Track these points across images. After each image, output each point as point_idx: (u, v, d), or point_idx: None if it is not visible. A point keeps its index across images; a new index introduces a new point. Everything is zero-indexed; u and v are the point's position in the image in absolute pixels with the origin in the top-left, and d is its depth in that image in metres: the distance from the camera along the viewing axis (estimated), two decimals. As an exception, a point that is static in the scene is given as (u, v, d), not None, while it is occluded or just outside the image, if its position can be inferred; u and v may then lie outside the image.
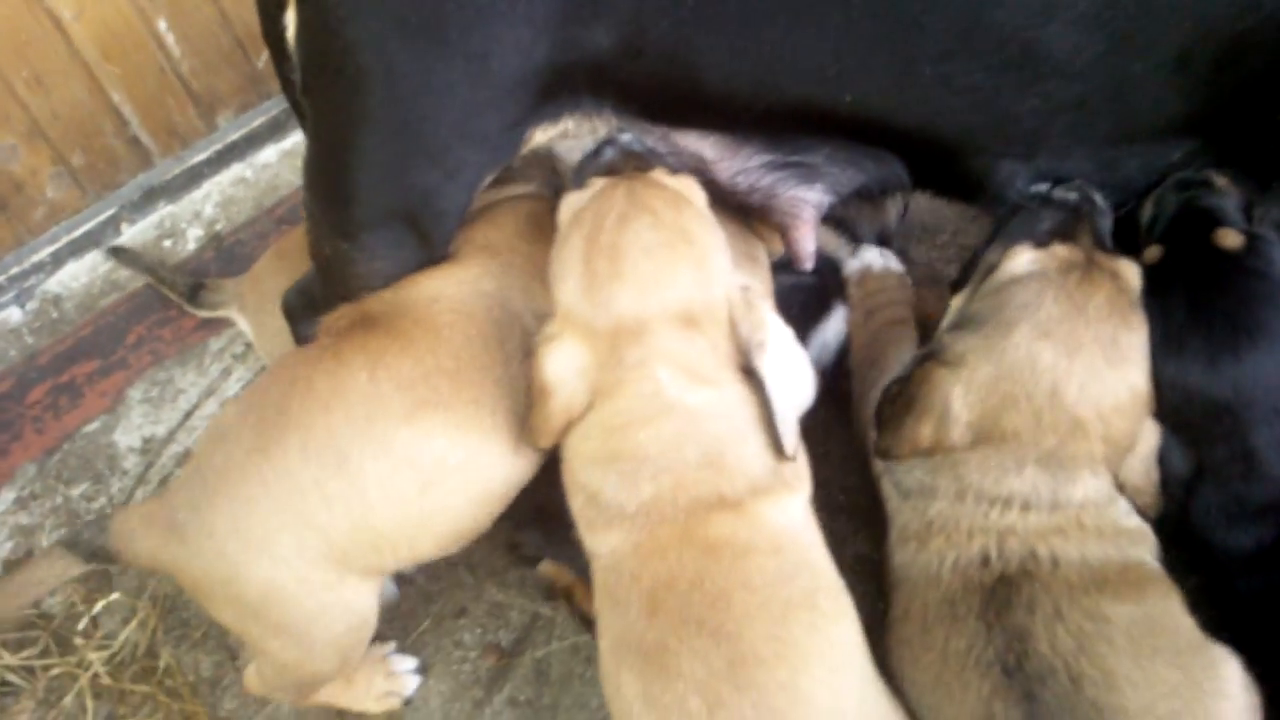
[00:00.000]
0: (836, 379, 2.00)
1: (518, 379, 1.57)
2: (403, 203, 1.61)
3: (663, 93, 1.62)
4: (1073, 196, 1.68)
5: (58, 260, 2.53)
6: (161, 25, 2.39)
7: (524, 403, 1.56)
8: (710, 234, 1.51)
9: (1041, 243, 1.63)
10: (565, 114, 1.64)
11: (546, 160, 1.90)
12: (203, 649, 2.04)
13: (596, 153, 1.62)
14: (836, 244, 2.10)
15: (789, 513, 1.45)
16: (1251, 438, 1.56)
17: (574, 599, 1.93)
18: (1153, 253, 1.69)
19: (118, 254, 2.52)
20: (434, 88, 1.50)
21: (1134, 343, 1.56)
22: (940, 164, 1.74)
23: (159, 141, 2.55)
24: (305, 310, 1.87)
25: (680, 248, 1.45)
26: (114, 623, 2.07)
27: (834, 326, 2.04)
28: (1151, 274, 1.65)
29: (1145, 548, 1.56)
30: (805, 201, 1.80)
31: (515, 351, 1.60)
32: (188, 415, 2.35)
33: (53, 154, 2.42)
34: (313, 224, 1.71)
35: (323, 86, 1.57)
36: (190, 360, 2.43)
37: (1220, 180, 1.72)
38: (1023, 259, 1.63)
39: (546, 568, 1.96)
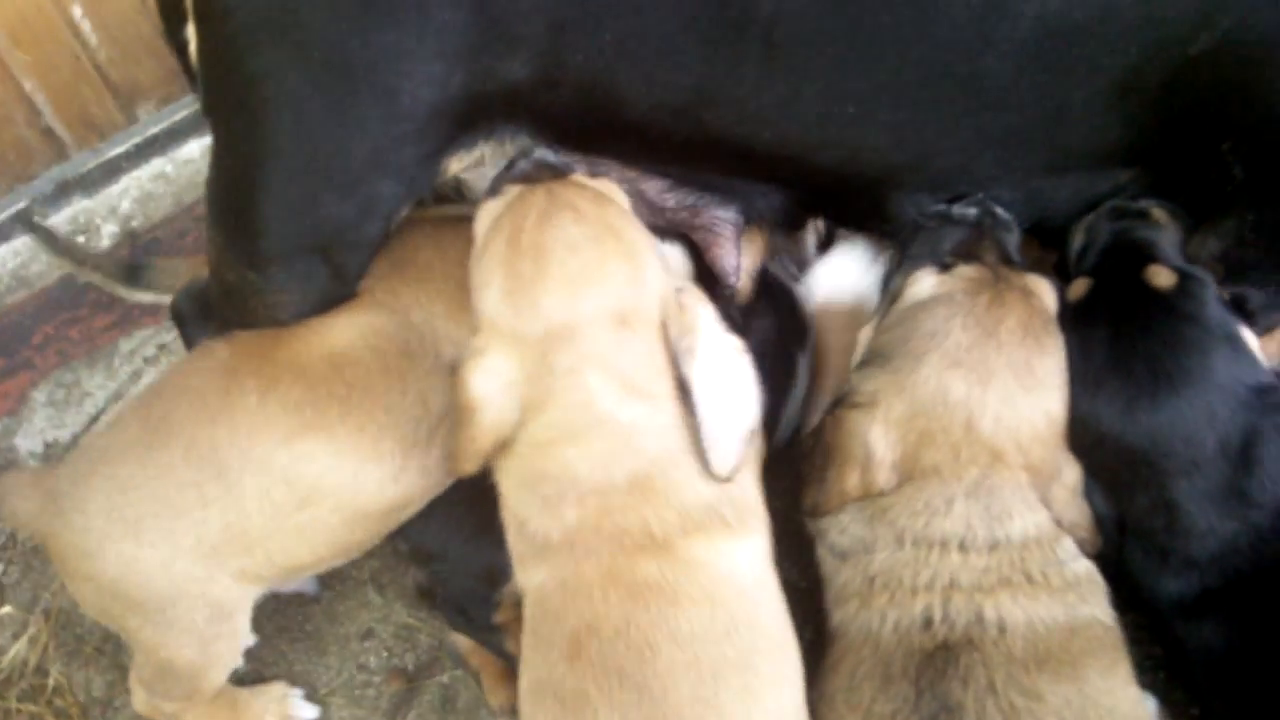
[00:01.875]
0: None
1: (414, 407, 1.60)
2: (314, 236, 1.56)
3: (580, 121, 1.57)
4: (972, 212, 1.62)
5: (-37, 254, 2.43)
6: (76, 12, 2.28)
7: (427, 426, 1.61)
8: (637, 230, 1.44)
9: (945, 264, 1.58)
10: (480, 142, 1.59)
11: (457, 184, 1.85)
12: (95, 667, 1.98)
13: (510, 165, 1.54)
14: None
15: (730, 559, 1.36)
16: (1171, 490, 1.51)
17: (479, 680, 1.86)
18: (1079, 287, 1.63)
19: (36, 231, 2.39)
20: (342, 122, 1.46)
21: (1049, 366, 1.52)
22: (855, 197, 1.69)
23: (74, 133, 2.45)
24: (196, 315, 1.82)
25: (608, 242, 1.37)
26: (3, 637, 2.00)
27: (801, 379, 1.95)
28: (1076, 307, 1.60)
29: (1096, 600, 1.51)
30: (724, 220, 1.77)
31: (420, 380, 1.62)
32: (93, 419, 2.28)
33: (-41, 143, 2.32)
34: (215, 249, 1.65)
35: (225, 114, 1.52)
36: (99, 362, 2.35)
37: (1157, 212, 1.67)
38: (925, 284, 1.58)
39: (461, 642, 1.87)
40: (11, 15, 2.22)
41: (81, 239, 2.46)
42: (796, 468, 1.82)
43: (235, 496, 1.57)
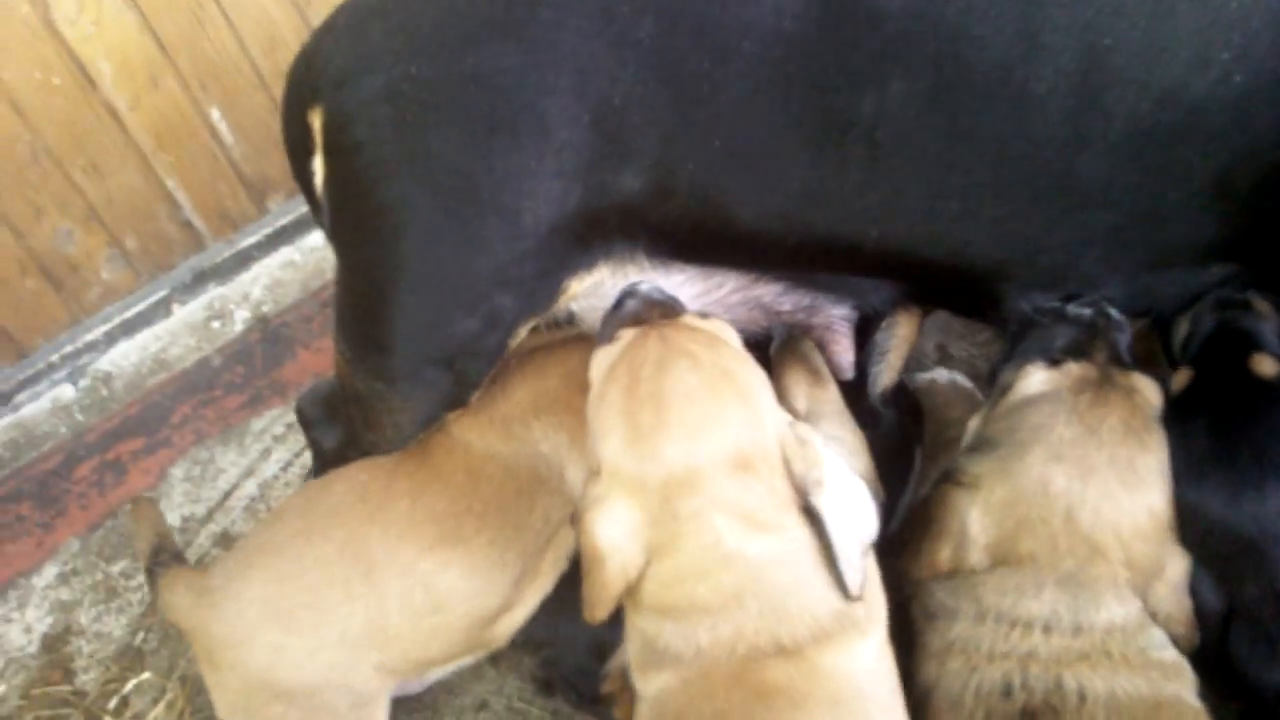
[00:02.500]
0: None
1: (539, 522, 1.73)
2: (441, 351, 1.63)
3: (694, 233, 1.61)
4: (1087, 312, 1.64)
5: (110, 340, 2.60)
6: (215, 114, 2.47)
7: (546, 537, 1.73)
8: (751, 371, 1.44)
9: (1055, 361, 1.60)
10: (599, 261, 1.64)
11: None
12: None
13: (619, 305, 1.55)
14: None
15: (855, 659, 1.36)
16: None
17: None
18: (1182, 377, 1.63)
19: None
20: (469, 243, 1.52)
21: (1151, 465, 1.51)
22: (968, 291, 1.72)
23: (210, 225, 2.62)
24: (321, 419, 1.92)
25: (724, 388, 1.38)
26: (144, 702, 2.10)
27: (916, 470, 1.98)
28: (1180, 397, 1.60)
29: (1182, 683, 1.48)
30: (840, 318, 1.81)
31: (545, 498, 1.74)
32: (226, 495, 2.39)
33: (108, 237, 2.50)
34: (345, 362, 1.73)
35: (355, 240, 1.60)
36: (232, 440, 2.47)
37: (1260, 303, 1.66)
38: (1035, 379, 1.59)
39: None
40: (157, 120, 2.41)
41: (216, 324, 2.61)
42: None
43: (379, 595, 1.66)
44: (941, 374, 2.11)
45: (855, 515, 1.37)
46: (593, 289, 1.68)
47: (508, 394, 1.78)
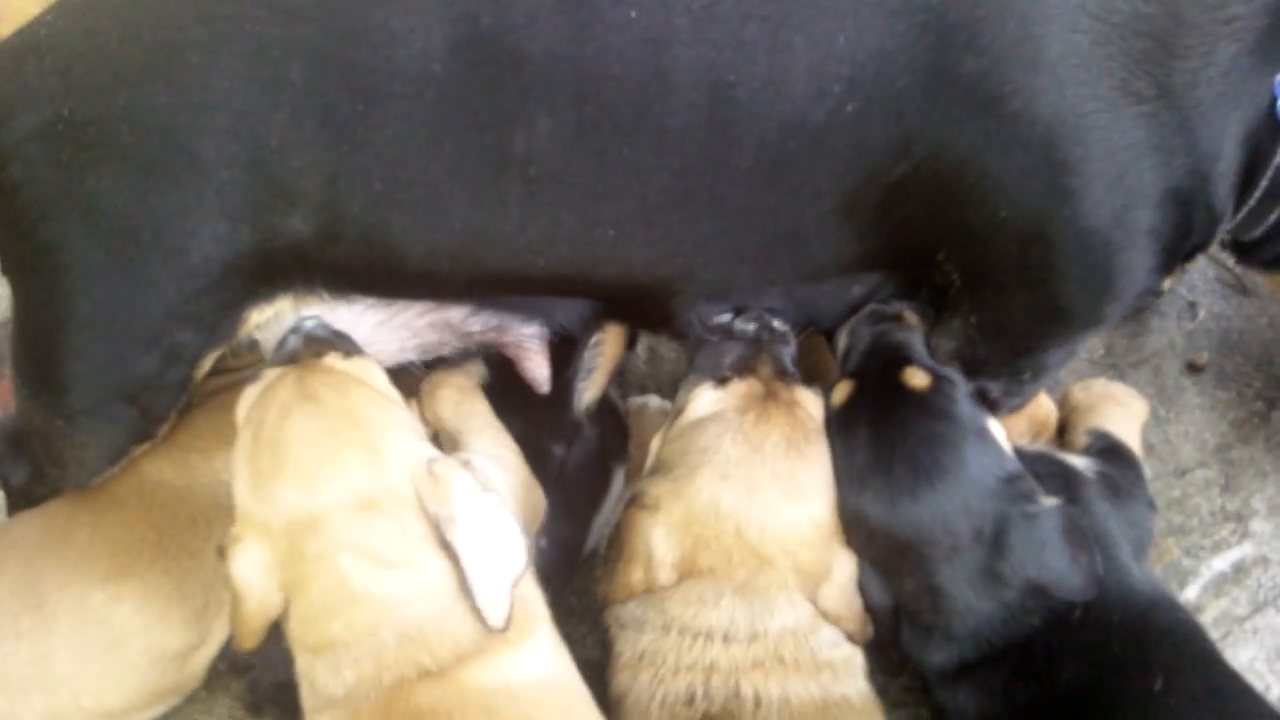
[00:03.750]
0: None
1: (218, 573, 1.69)
2: (121, 388, 1.62)
3: (368, 271, 1.65)
4: (751, 327, 1.74)
5: None
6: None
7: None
8: (382, 413, 1.49)
9: (722, 380, 1.69)
10: (279, 294, 1.67)
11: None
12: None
13: (281, 343, 1.59)
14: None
15: (508, 670, 1.42)
16: (934, 574, 1.63)
17: None
18: (842, 390, 1.75)
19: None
20: (136, 283, 1.53)
21: (812, 474, 1.63)
22: (643, 306, 1.81)
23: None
24: (8, 455, 1.88)
25: (345, 433, 1.43)
26: None
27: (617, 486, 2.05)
28: (841, 410, 1.72)
29: (851, 680, 1.63)
30: (531, 335, 1.87)
31: (224, 529, 1.71)
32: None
33: None
34: (23, 399, 1.70)
35: (22, 280, 1.59)
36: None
37: (910, 315, 1.80)
38: (704, 400, 1.69)
39: None
40: None
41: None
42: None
43: (46, 631, 1.63)
44: (653, 400, 2.21)
45: (495, 547, 1.42)
46: (275, 318, 1.69)
47: (189, 427, 1.79)
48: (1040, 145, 1.52)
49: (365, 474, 1.41)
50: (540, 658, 1.48)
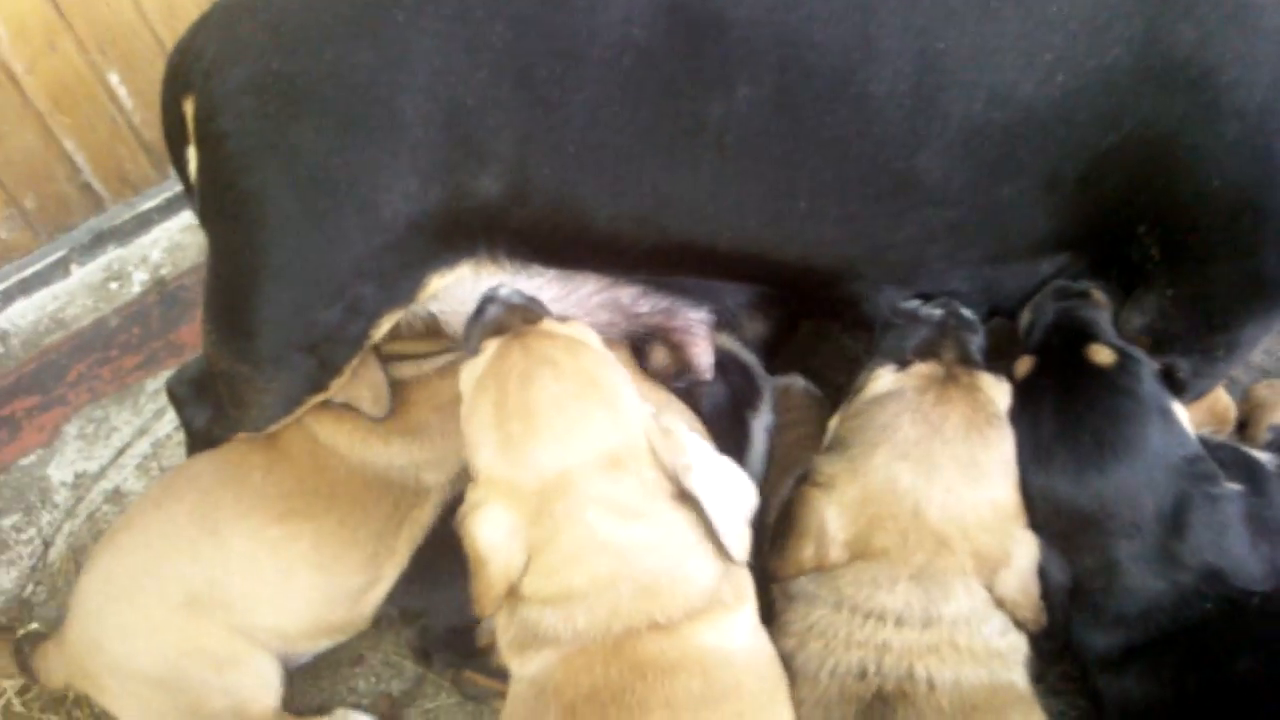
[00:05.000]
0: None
1: (388, 509, 1.88)
2: (304, 338, 1.68)
3: (552, 237, 1.67)
4: (937, 313, 1.72)
5: (7, 298, 2.62)
6: (113, 78, 2.49)
7: (397, 520, 1.88)
8: (613, 372, 1.52)
9: (904, 362, 1.67)
10: (462, 259, 1.70)
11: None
12: (111, 684, 2.11)
13: (480, 312, 1.60)
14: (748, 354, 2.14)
15: (725, 634, 1.46)
16: (1113, 550, 1.61)
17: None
18: (1024, 365, 1.73)
19: None
20: (327, 235, 1.58)
21: (993, 458, 1.60)
22: (820, 292, 1.79)
23: (110, 187, 2.64)
24: (192, 398, 2.00)
25: (588, 393, 1.46)
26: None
27: (757, 437, 2.05)
28: (1024, 385, 1.69)
29: (1016, 669, 1.60)
30: (698, 320, 1.87)
31: (395, 491, 1.88)
32: (120, 452, 2.44)
33: (6, 197, 2.51)
34: (211, 343, 1.78)
35: (222, 227, 1.66)
36: (126, 400, 2.52)
37: (1097, 293, 1.77)
38: (884, 380, 1.67)
39: (473, 675, 2.00)
40: (53, 82, 2.42)
41: (114, 285, 2.65)
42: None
43: (224, 555, 1.78)
44: (798, 380, 2.20)
45: (729, 489, 1.47)
46: (454, 286, 1.73)
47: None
48: (1257, 113, 1.47)
49: (610, 431, 1.45)
50: (750, 625, 1.51)
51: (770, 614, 1.66)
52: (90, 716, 2.07)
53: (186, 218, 2.72)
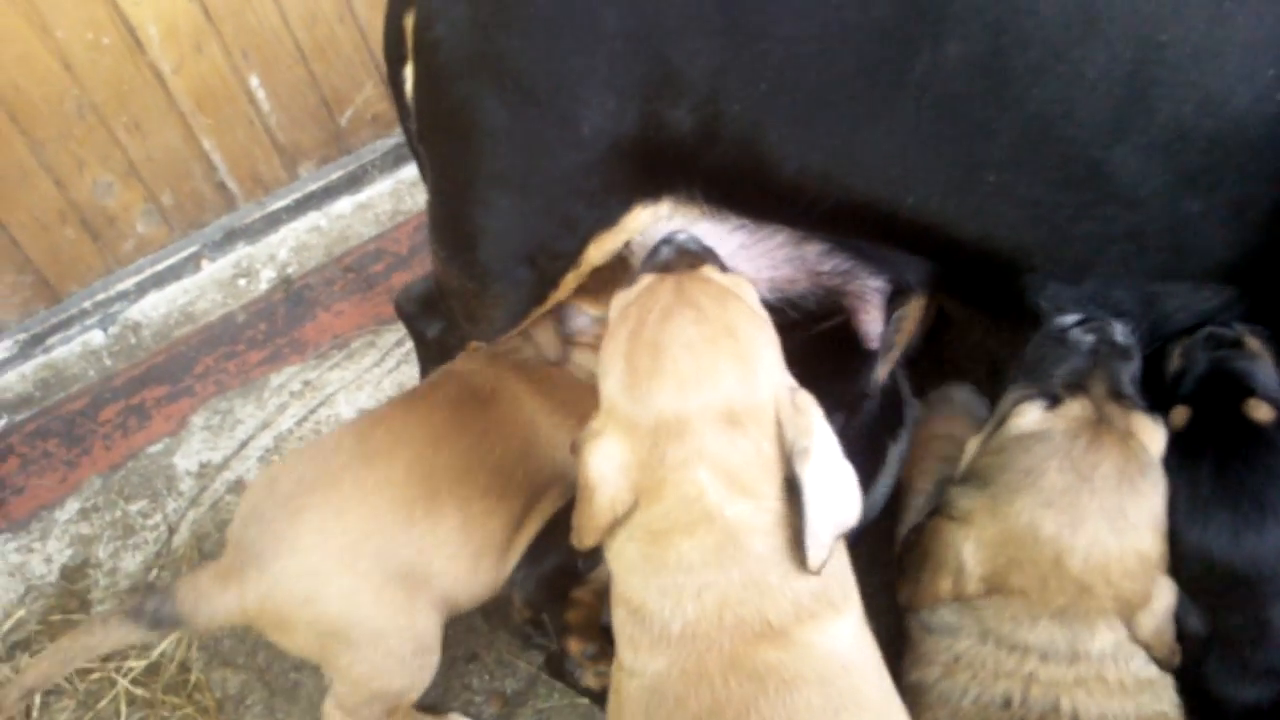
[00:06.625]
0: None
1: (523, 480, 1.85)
2: (524, 248, 1.70)
3: (740, 182, 1.64)
4: (1089, 339, 1.65)
5: (141, 290, 2.72)
6: (254, 82, 2.57)
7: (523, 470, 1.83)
8: (759, 330, 1.45)
9: (1052, 397, 1.61)
10: (664, 193, 1.68)
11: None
12: (231, 667, 2.17)
13: (654, 251, 1.58)
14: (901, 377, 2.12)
15: (835, 637, 1.39)
16: (1267, 609, 1.56)
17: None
18: (1180, 415, 1.66)
19: None
20: (534, 147, 1.59)
21: (1144, 509, 1.53)
22: (989, 278, 1.73)
23: (243, 187, 2.73)
24: (419, 312, 2.07)
25: (724, 343, 1.39)
26: (153, 636, 2.21)
27: (891, 466, 2.02)
28: (1179, 436, 1.63)
29: (1166, 699, 1.57)
30: (874, 289, 1.85)
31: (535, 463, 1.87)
32: (243, 445, 2.50)
33: (145, 193, 2.61)
34: (439, 261, 1.82)
35: (438, 140, 1.68)
36: (251, 393, 2.59)
37: (1252, 341, 1.70)
38: (1030, 418, 1.60)
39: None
40: (197, 84, 2.51)
41: (242, 282, 2.73)
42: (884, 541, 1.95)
43: (434, 524, 1.70)
44: (959, 391, 2.13)
45: (837, 495, 1.37)
46: (655, 222, 1.72)
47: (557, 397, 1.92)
48: None
49: (737, 386, 1.37)
50: (859, 630, 1.45)
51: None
52: (212, 700, 2.12)
53: (313, 219, 2.80)
